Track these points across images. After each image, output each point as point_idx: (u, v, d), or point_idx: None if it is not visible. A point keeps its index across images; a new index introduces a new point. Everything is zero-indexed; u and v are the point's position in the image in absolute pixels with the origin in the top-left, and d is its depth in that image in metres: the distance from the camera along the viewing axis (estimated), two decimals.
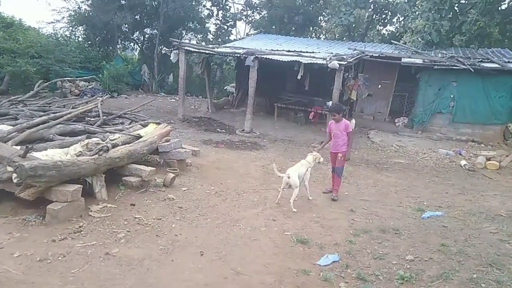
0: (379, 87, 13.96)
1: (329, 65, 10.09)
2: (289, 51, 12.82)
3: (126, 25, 20.90)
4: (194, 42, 22.10)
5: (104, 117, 7.98)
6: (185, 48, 12.47)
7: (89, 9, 20.15)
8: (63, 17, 20.03)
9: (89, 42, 20.37)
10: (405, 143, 11.46)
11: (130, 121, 8.44)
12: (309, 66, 11.07)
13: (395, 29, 21.79)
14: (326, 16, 21.55)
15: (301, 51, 12.75)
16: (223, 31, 22.48)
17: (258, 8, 23.96)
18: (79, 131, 6.73)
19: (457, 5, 13.50)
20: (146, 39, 23.39)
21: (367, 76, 13.38)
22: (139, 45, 23.69)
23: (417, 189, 7.25)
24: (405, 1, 18.25)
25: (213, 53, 13.43)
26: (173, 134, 7.82)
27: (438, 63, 12.05)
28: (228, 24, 22.51)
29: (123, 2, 19.97)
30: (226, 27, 22.52)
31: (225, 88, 20.87)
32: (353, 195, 6.53)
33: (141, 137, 6.43)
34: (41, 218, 4.15)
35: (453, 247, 4.31)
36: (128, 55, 24.62)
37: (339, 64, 10.09)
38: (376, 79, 13.84)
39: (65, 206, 4.20)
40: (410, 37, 15.16)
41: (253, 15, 24.44)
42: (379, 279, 3.67)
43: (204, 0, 22.49)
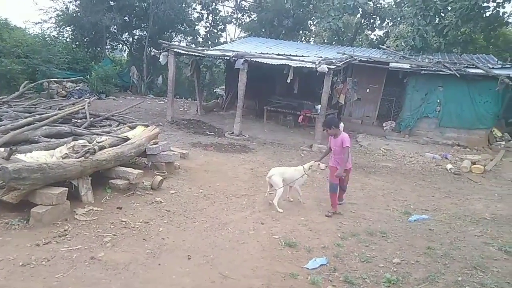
0: (367, 91, 14.11)
1: (318, 69, 10.16)
2: (278, 54, 12.86)
3: (115, 26, 20.71)
4: (183, 44, 21.99)
5: (91, 119, 7.90)
6: (175, 50, 12.42)
7: (77, 9, 19.92)
8: (50, 17, 19.79)
9: (77, 43, 20.12)
10: (392, 146, 11.59)
11: (118, 123, 8.37)
12: (299, 70, 11.13)
13: (383, 34, 22.08)
14: (316, 20, 21.69)
15: (290, 55, 12.80)
16: (213, 33, 22.47)
17: (248, 11, 24.01)
18: (66, 133, 6.65)
19: (441, 10, 13.74)
20: (135, 40, 23.23)
21: (356, 80, 13.52)
22: (128, 46, 23.51)
23: (404, 192, 7.33)
24: (393, 6, 18.52)
25: (203, 55, 13.40)
26: (161, 136, 7.78)
27: (425, 68, 12.24)
28: (218, 27, 22.51)
29: (112, 3, 19.79)
30: (216, 30, 22.52)
31: (214, 90, 20.84)
32: None
33: (129, 139, 6.37)
34: (24, 222, 4.06)
35: (439, 250, 4.36)
36: (116, 57, 24.40)
37: (328, 68, 10.17)
38: (365, 83, 13.99)
39: (50, 209, 4.12)
40: (393, 41, 15.38)
41: (243, 18, 24.48)
42: (366, 282, 3.69)
43: (194, 3, 22.42)
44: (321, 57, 11.89)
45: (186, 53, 13.33)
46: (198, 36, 23.51)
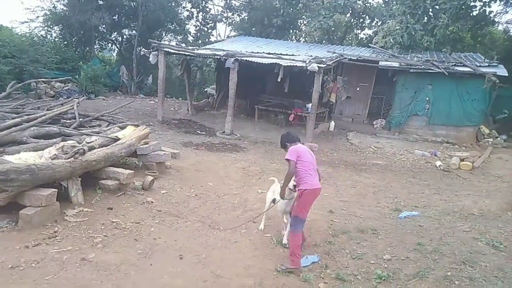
0: (357, 89, 14.22)
1: (308, 68, 10.20)
2: (269, 53, 12.87)
3: (104, 26, 20.48)
4: (173, 43, 21.86)
5: (81, 119, 7.80)
6: (165, 49, 12.35)
7: (65, 8, 19.65)
8: (37, 16, 19.48)
9: (65, 43, 19.85)
10: (382, 144, 11.70)
11: (107, 123, 8.29)
12: (289, 69, 11.16)
13: (372, 32, 22.24)
14: (306, 19, 21.76)
15: (281, 54, 12.83)
16: (203, 32, 22.37)
17: (238, 10, 23.95)
18: (54, 133, 6.56)
19: (430, 10, 13.88)
20: (125, 40, 23.00)
21: (346, 79, 13.60)
22: (117, 46, 23.27)
23: (394, 189, 7.41)
24: (382, 5, 18.64)
25: (193, 54, 13.34)
26: (152, 136, 7.72)
27: (414, 67, 12.37)
28: (208, 26, 22.43)
29: (100, 2, 19.57)
30: (206, 29, 22.43)
31: (205, 90, 20.76)
32: (332, 196, 6.60)
33: (119, 139, 6.31)
34: (13, 224, 4.00)
35: (428, 246, 4.42)
36: (105, 56, 24.15)
37: (318, 67, 10.21)
38: (355, 81, 14.10)
39: (39, 210, 4.07)
40: (382, 38, 15.50)
41: (233, 17, 24.42)
42: (357, 279, 3.73)
43: (183, 2, 22.30)
44: (311, 56, 11.93)
45: (176, 52, 13.27)
46: (188, 35, 23.40)
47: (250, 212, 5.40)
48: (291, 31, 23.82)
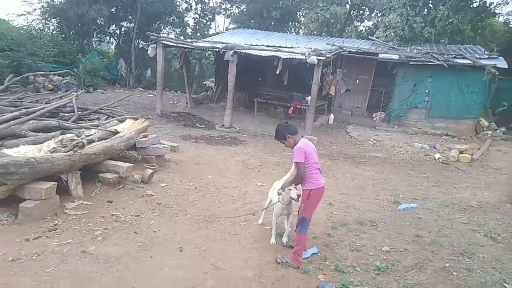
0: (357, 82, 14.19)
1: (308, 60, 10.16)
2: (268, 46, 12.82)
3: (102, 18, 20.38)
4: (172, 36, 21.78)
5: (79, 112, 7.79)
6: (163, 42, 12.28)
7: (63, 1, 19.52)
8: (34, 9, 19.37)
9: (63, 35, 19.75)
10: (382, 137, 11.70)
11: (106, 116, 8.28)
12: (288, 61, 11.12)
13: (372, 25, 22.13)
14: (305, 11, 21.63)
15: (280, 46, 12.77)
16: (201, 25, 22.27)
17: (237, 2, 23.80)
18: (53, 127, 6.55)
19: (430, 1, 13.82)
20: (123, 32, 22.88)
21: (345, 72, 13.57)
22: (116, 38, 23.17)
23: (393, 182, 7.43)
24: None
25: (192, 47, 13.28)
26: (151, 129, 7.72)
27: (414, 59, 12.32)
28: (207, 18, 22.29)
29: None
30: (205, 21, 22.31)
31: (204, 83, 20.70)
32: (331, 188, 6.61)
33: (118, 132, 6.30)
34: (13, 217, 4.01)
35: (427, 237, 4.44)
36: (104, 49, 24.03)
37: (317, 59, 10.17)
38: (354, 74, 14.06)
39: (39, 204, 4.07)
40: (383, 32, 15.44)
41: (232, 9, 24.28)
42: (356, 270, 3.75)
43: None
44: (310, 48, 11.88)
45: (175, 45, 13.20)
46: (187, 28, 23.28)
47: (249, 205, 5.41)
48: (290, 23, 23.72)
